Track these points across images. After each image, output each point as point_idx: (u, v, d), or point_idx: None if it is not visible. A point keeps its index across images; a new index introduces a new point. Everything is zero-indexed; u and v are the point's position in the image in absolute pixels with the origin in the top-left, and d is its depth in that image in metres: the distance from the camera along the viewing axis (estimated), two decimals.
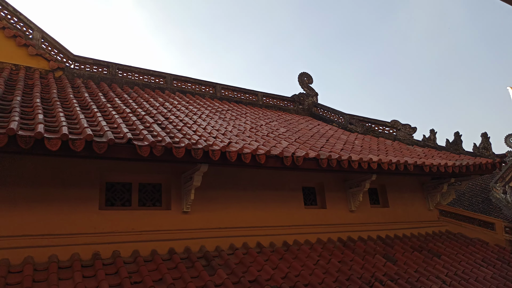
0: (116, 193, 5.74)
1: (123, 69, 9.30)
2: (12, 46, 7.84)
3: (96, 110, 5.84)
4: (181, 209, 5.90)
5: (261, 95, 11.60)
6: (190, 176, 5.75)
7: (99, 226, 5.21)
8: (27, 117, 4.88)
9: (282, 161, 5.88)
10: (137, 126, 5.43)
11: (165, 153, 4.92)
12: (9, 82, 6.57)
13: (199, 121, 6.97)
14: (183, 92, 10.02)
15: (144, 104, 7.37)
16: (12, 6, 8.02)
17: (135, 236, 5.39)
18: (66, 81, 7.80)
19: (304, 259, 5.91)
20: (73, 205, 5.17)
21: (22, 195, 4.90)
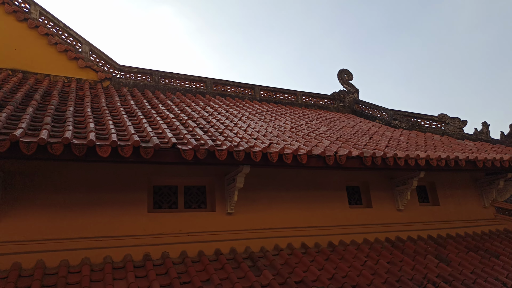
0: (163, 196, 5.94)
1: (165, 76, 9.61)
2: (64, 60, 8.37)
3: (141, 117, 6.08)
4: (225, 211, 6.00)
5: (300, 94, 11.52)
6: (233, 178, 5.83)
7: (148, 228, 5.41)
8: (80, 126, 5.17)
9: (324, 160, 5.80)
10: (181, 131, 5.59)
11: (208, 156, 5.02)
12: (62, 94, 7.01)
13: (239, 123, 7.04)
14: (223, 95, 10.18)
15: (186, 109, 7.57)
16: (62, 22, 8.56)
17: (183, 238, 5.55)
18: (113, 90, 8.20)
19: (350, 259, 5.78)
20: (123, 208, 5.42)
21: (78, 200, 5.20)
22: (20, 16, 8.12)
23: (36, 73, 7.99)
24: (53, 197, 5.09)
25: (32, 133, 4.39)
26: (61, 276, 4.38)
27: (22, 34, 8.12)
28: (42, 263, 4.63)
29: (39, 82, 7.57)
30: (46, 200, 5.03)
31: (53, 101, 6.15)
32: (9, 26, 8.08)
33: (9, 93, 6.30)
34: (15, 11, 8.10)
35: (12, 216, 4.79)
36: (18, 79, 7.35)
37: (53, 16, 8.51)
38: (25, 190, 4.97)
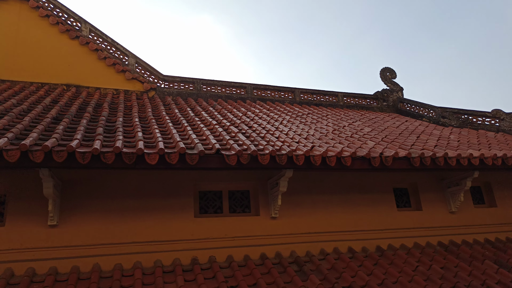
0: (208, 201, 6.06)
1: (206, 83, 9.85)
2: (112, 73, 8.83)
3: (186, 124, 6.27)
4: (269, 215, 6.01)
5: (341, 95, 11.33)
6: (276, 182, 5.83)
7: (195, 233, 5.54)
8: (129, 135, 5.43)
9: (370, 162, 5.65)
10: (224, 137, 5.69)
11: (251, 161, 5.07)
12: (112, 105, 7.39)
13: (281, 127, 7.05)
14: (263, 100, 10.24)
15: (228, 115, 7.70)
16: (110, 37, 9.04)
17: (228, 242, 5.62)
18: (158, 99, 8.52)
19: (401, 265, 5.57)
20: (171, 214, 5.59)
21: (129, 206, 5.44)
22: (72, 34, 8.68)
23: (87, 86, 8.49)
24: (107, 203, 5.36)
25: (86, 144, 4.66)
26: (116, 279, 4.59)
27: (74, 51, 8.68)
28: (98, 267, 4.89)
29: (91, 95, 8.04)
30: (100, 207, 5.31)
31: (104, 112, 6.50)
32: (63, 44, 8.66)
33: (65, 106, 6.74)
34: (68, 30, 8.67)
35: (70, 222, 5.10)
36: (72, 93, 7.85)
37: (101, 32, 9.02)
38: (81, 197, 5.28)
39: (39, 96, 7.15)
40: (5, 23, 8.38)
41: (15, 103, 6.40)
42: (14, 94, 7.08)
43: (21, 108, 6.02)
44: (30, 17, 8.61)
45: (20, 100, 6.70)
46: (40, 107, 6.24)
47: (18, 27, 8.45)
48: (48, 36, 8.59)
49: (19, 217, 4.94)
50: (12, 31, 8.37)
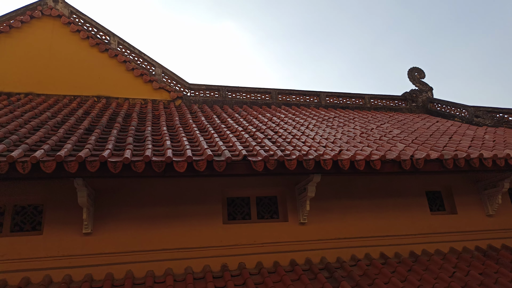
0: (236, 207, 6.08)
1: (231, 90, 9.93)
2: (140, 84, 9.06)
3: (212, 131, 6.33)
4: (298, 221, 5.95)
5: (368, 97, 11.13)
6: (303, 187, 5.78)
7: (224, 239, 5.57)
8: (158, 144, 5.54)
9: (400, 165, 5.50)
10: (250, 143, 5.71)
11: (278, 166, 5.05)
12: (140, 115, 7.58)
13: (307, 132, 6.99)
14: (288, 105, 10.21)
15: (254, 121, 7.72)
16: (137, 49, 9.29)
17: (257, 248, 5.61)
18: (185, 108, 8.66)
19: (436, 271, 5.37)
20: (200, 220, 5.64)
21: (159, 213, 5.53)
22: (102, 47, 8.98)
23: (117, 97, 8.75)
24: (137, 211, 5.48)
25: (117, 153, 4.79)
26: (148, 286, 4.67)
27: (104, 63, 8.97)
28: (131, 274, 4.99)
29: (120, 106, 8.27)
30: (132, 214, 5.43)
31: (133, 122, 6.68)
32: (93, 57, 8.98)
33: (96, 117, 6.97)
34: (98, 43, 8.99)
35: (104, 230, 5.25)
36: (103, 104, 8.11)
37: (129, 44, 9.29)
38: (113, 206, 5.42)
39: (72, 108, 7.43)
40: (40, 40, 8.78)
41: (50, 115, 6.67)
42: (49, 107, 7.39)
43: (56, 120, 6.27)
44: (62, 33, 8.98)
45: (55, 112, 6.98)
46: (73, 119, 6.48)
47: (51, 43, 8.84)
48: (79, 50, 8.92)
49: (55, 225, 5.13)
50: (46, 47, 8.76)
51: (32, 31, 8.81)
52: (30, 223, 5.26)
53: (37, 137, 5.17)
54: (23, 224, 5.24)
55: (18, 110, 6.79)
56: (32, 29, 8.83)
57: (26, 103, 7.49)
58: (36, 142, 5.00)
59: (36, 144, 4.93)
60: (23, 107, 7.11)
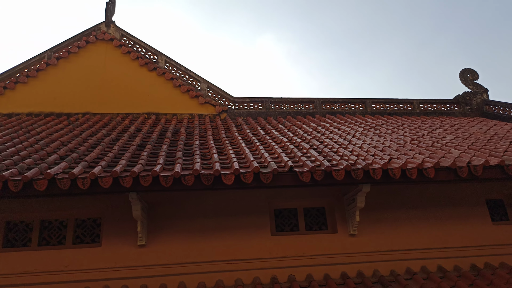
0: (284, 218, 6.05)
1: (274, 101, 9.99)
2: (187, 99, 9.38)
3: (258, 143, 6.39)
4: (347, 232, 5.81)
5: (417, 102, 10.70)
6: (352, 198, 5.64)
7: (273, 251, 5.55)
8: (205, 157, 5.68)
9: (456, 172, 5.21)
10: (296, 154, 5.68)
11: (325, 177, 4.98)
12: (188, 130, 7.83)
13: (354, 140, 6.84)
14: (333, 113, 10.07)
15: (298, 131, 7.69)
16: (183, 66, 9.65)
17: (307, 260, 5.53)
18: (230, 121, 8.83)
19: (502, 286, 4.98)
20: (248, 232, 5.68)
21: (209, 225, 5.64)
22: (150, 66, 9.44)
23: (165, 113, 9.11)
24: (188, 223, 5.63)
25: (168, 168, 4.98)
26: None
27: (152, 81, 9.41)
28: (183, 285, 5.11)
29: (169, 121, 8.61)
30: (182, 227, 5.59)
31: (181, 137, 6.91)
32: (143, 76, 9.44)
33: (147, 133, 7.30)
34: (146, 63, 9.46)
35: (157, 242, 5.44)
36: (152, 120, 8.48)
37: (175, 62, 9.68)
38: (165, 218, 5.61)
39: (124, 126, 7.84)
40: (94, 63, 9.40)
41: (105, 133, 7.09)
42: (104, 125, 7.85)
43: (111, 137, 6.65)
44: (115, 55, 9.55)
45: (109, 130, 7.40)
46: (126, 136, 6.83)
47: (105, 65, 9.43)
48: (130, 71, 9.43)
49: (112, 237, 5.40)
50: (100, 69, 9.36)
51: (88, 55, 9.46)
52: (90, 236, 5.58)
53: (95, 154, 5.50)
54: (83, 237, 5.57)
55: (77, 129, 7.28)
56: (88, 53, 9.48)
57: (84, 122, 8.02)
58: (94, 159, 5.32)
59: (94, 161, 5.25)
60: (81, 126, 7.62)
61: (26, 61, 9.15)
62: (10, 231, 5.50)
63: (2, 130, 7.03)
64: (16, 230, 5.51)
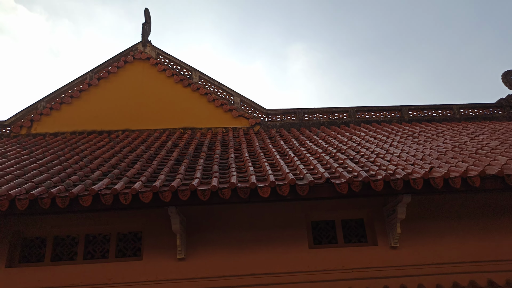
0: (321, 231, 5.96)
1: (307, 112, 9.94)
2: (221, 113, 9.55)
3: (292, 155, 6.37)
4: (388, 244, 5.62)
5: (456, 107, 10.29)
6: (392, 209, 5.47)
7: (311, 265, 5.47)
8: (241, 170, 5.73)
9: (504, 181, 4.93)
10: (332, 165, 5.61)
11: (363, 188, 4.88)
12: (223, 143, 7.94)
13: (391, 149, 6.66)
14: (368, 122, 9.87)
15: (333, 141, 7.60)
16: (217, 81, 9.86)
17: (347, 274, 5.40)
18: (264, 133, 8.87)
19: None
20: (286, 245, 5.63)
21: (245, 238, 5.64)
22: (185, 82, 9.71)
23: (200, 128, 9.31)
24: (225, 236, 5.67)
25: (205, 181, 5.06)
26: None
27: (187, 97, 9.66)
28: None
29: (204, 135, 8.78)
30: (220, 240, 5.63)
31: (217, 150, 7.02)
32: (178, 92, 9.72)
33: (184, 148, 7.47)
34: (181, 79, 9.74)
35: (195, 256, 5.51)
36: (188, 135, 8.69)
37: (209, 77, 9.90)
38: (202, 232, 5.68)
39: (162, 141, 8.08)
40: (132, 81, 9.80)
41: (144, 149, 7.33)
42: (142, 142, 8.13)
43: (149, 153, 6.87)
44: (151, 73, 9.92)
45: (148, 146, 7.65)
46: (164, 151, 7.03)
47: (142, 83, 9.80)
48: (166, 87, 9.74)
49: (153, 251, 5.52)
50: (137, 87, 9.73)
51: (126, 74, 9.88)
52: (131, 249, 5.74)
53: (135, 170, 5.70)
54: (125, 250, 5.74)
55: (118, 145, 7.58)
56: (126, 72, 9.90)
57: (124, 139, 8.34)
58: (135, 175, 5.51)
59: (134, 176, 5.44)
60: (121, 142, 7.93)
61: (70, 82, 9.68)
62: (58, 245, 5.76)
63: (50, 148, 7.45)
64: (63, 244, 5.77)
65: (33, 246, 5.74)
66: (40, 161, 6.38)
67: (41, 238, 5.76)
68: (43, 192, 4.76)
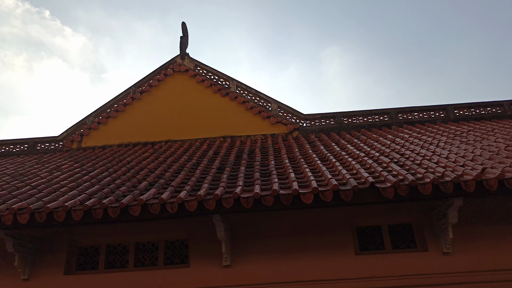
0: (367, 237, 5.81)
1: (347, 115, 9.79)
2: (259, 121, 9.62)
3: (333, 160, 6.29)
4: (440, 250, 5.38)
5: (507, 104, 9.70)
6: (443, 213, 5.24)
7: (359, 271, 5.34)
8: (282, 177, 5.73)
9: None
10: (375, 168, 5.48)
11: (410, 192, 4.73)
12: (262, 150, 7.99)
13: (438, 151, 6.40)
14: (411, 123, 9.55)
15: (375, 144, 7.42)
16: (254, 89, 9.96)
17: (396, 281, 5.22)
18: (303, 138, 8.83)
19: None
20: (331, 252, 5.54)
21: (288, 245, 5.62)
22: (223, 92, 9.90)
23: (240, 135, 9.43)
24: (268, 243, 5.67)
25: (247, 189, 5.11)
26: None
27: (226, 106, 9.83)
28: None
29: (244, 143, 8.88)
30: (264, 247, 5.64)
31: (257, 157, 7.07)
32: (216, 102, 9.93)
33: (224, 156, 7.60)
34: (219, 89, 9.93)
35: (240, 263, 5.56)
36: (228, 143, 8.82)
37: (246, 85, 10.03)
38: (246, 239, 5.72)
39: (203, 150, 8.26)
40: (172, 93, 10.13)
41: (187, 158, 7.53)
42: (184, 151, 8.35)
43: (192, 162, 7.05)
44: (190, 85, 10.21)
45: (190, 155, 7.85)
46: (206, 160, 7.18)
47: (182, 94, 10.10)
48: (205, 98, 9.98)
49: (199, 258, 5.64)
50: (177, 99, 10.05)
51: (167, 87, 10.23)
52: (179, 257, 5.89)
53: (179, 179, 5.87)
54: (173, 258, 5.90)
55: (161, 156, 7.85)
56: (166, 85, 10.26)
57: (167, 149, 8.62)
58: (179, 184, 5.67)
59: (179, 185, 5.60)
60: (164, 153, 8.20)
61: (115, 97, 10.18)
62: (110, 253, 6.02)
63: (99, 161, 7.85)
64: (115, 252, 6.02)
65: (88, 254, 6.04)
66: (91, 173, 6.73)
67: (94, 246, 6.05)
68: (96, 203, 5.02)
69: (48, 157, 9.05)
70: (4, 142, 10.12)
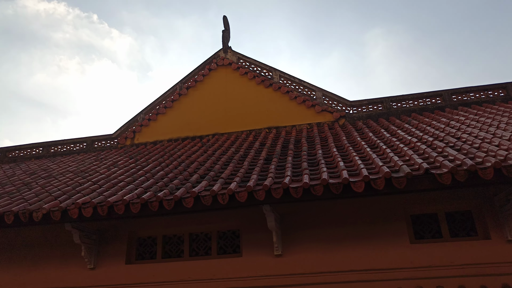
0: (423, 225, 5.60)
1: (395, 100, 9.41)
2: (303, 110, 9.54)
3: (384, 146, 6.10)
4: (504, 238, 5.06)
5: None
6: (506, 198, 4.91)
7: (415, 261, 5.17)
8: (331, 166, 5.65)
9: None
10: (429, 154, 5.25)
11: (469, 178, 4.49)
12: (308, 139, 7.92)
13: (498, 133, 5.98)
14: (466, 105, 8.99)
15: (428, 129, 7.09)
16: (297, 78, 9.86)
17: (457, 270, 4.99)
18: (350, 126, 8.63)
19: None
20: (384, 240, 5.41)
21: (339, 234, 5.55)
22: (266, 83, 9.90)
23: (285, 126, 9.40)
24: (318, 232, 5.64)
25: (296, 179, 5.11)
26: None
27: (270, 97, 9.84)
28: None
29: (289, 133, 8.85)
30: (314, 236, 5.62)
31: (304, 147, 7.03)
32: (260, 93, 9.96)
33: (271, 147, 7.63)
34: (263, 80, 9.95)
35: (292, 252, 5.59)
36: (274, 134, 8.84)
37: (289, 75, 9.95)
38: (296, 228, 5.73)
39: (249, 142, 8.35)
40: (217, 87, 10.30)
41: (234, 150, 7.66)
42: (231, 144, 8.50)
43: (240, 154, 7.15)
44: (234, 78, 10.32)
45: (237, 147, 7.97)
46: (253, 151, 7.26)
47: (226, 88, 10.25)
48: (249, 90, 10.05)
49: (251, 248, 5.74)
50: (222, 92, 10.21)
51: (211, 81, 10.42)
52: (231, 247, 6.04)
53: (229, 171, 5.99)
54: (225, 248, 6.06)
55: (210, 149, 8.04)
56: (211, 79, 10.45)
57: (214, 143, 8.81)
58: (229, 176, 5.79)
59: (229, 177, 5.72)
60: (212, 146, 8.39)
61: (163, 94, 10.54)
62: (166, 244, 6.31)
63: (152, 156, 8.20)
64: (171, 243, 6.30)
65: (146, 244, 6.37)
66: (145, 168, 7.06)
67: (152, 237, 6.37)
68: (152, 196, 5.26)
69: (105, 154, 9.61)
70: (65, 142, 10.88)
